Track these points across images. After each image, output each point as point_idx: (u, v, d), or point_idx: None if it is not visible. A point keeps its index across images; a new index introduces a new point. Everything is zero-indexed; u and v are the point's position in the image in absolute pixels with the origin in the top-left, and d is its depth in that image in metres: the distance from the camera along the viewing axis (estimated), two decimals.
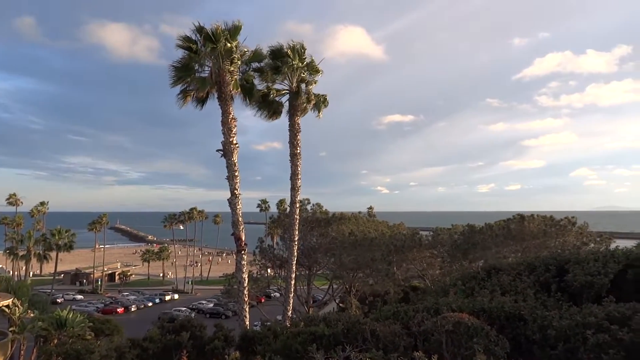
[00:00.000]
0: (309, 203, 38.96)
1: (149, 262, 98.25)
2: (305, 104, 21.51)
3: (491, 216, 53.18)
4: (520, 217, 34.29)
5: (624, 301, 11.50)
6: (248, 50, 19.63)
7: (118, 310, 63.95)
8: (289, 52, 20.60)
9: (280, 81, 21.52)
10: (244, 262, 19.50)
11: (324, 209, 40.02)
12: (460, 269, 30.60)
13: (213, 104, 19.22)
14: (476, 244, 33.05)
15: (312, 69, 21.71)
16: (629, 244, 23.05)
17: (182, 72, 18.57)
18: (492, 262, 21.91)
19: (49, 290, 65.79)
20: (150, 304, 71.06)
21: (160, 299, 74.96)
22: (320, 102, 22.27)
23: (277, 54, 20.65)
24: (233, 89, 18.94)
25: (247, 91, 20.08)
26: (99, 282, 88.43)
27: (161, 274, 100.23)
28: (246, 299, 19.74)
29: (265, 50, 20.46)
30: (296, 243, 23.11)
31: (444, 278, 30.72)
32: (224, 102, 18.61)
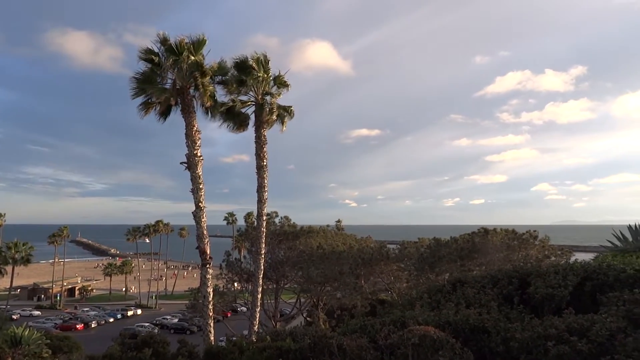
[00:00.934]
0: (277, 216, 38.77)
1: (111, 276, 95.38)
2: (270, 116, 21.48)
3: (456, 230, 54.10)
4: (485, 231, 35.06)
5: (583, 313, 11.83)
6: (212, 63, 19.54)
7: (77, 326, 61.64)
8: (254, 64, 20.60)
9: (246, 93, 21.46)
10: (209, 276, 19.15)
11: (292, 222, 39.87)
12: (427, 282, 30.94)
13: (178, 116, 18.99)
14: (442, 258, 33.53)
15: (277, 81, 21.76)
16: (587, 257, 23.82)
17: (144, 84, 18.30)
18: (458, 275, 22.21)
19: (4, 306, 62.89)
20: (111, 320, 68.80)
21: (122, 314, 72.72)
22: (285, 115, 22.28)
23: (242, 65, 20.60)
24: (207, 102, 18.75)
25: (212, 103, 19.94)
26: (58, 297, 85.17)
27: (124, 289, 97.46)
28: (211, 314, 19.35)
29: (229, 62, 20.39)
30: (263, 256, 22.88)
31: (411, 291, 30.96)
32: (188, 114, 18.42)
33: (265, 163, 21.78)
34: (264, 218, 22.81)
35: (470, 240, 34.85)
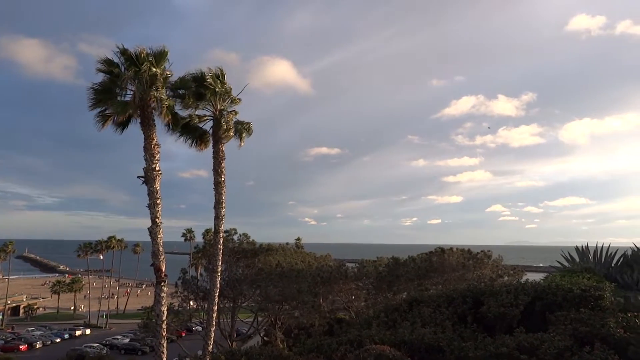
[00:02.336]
0: (235, 233, 38.26)
1: (59, 294, 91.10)
2: (227, 132, 21.35)
3: (414, 249, 54.89)
4: (441, 250, 35.73)
5: (533, 332, 12.18)
6: (173, 76, 19.31)
7: (20, 347, 58.28)
8: (211, 78, 20.51)
9: (203, 108, 21.29)
10: (163, 294, 18.60)
11: (251, 240, 39.43)
12: (385, 301, 31.11)
13: (136, 128, 18.58)
14: (400, 276, 33.88)
15: (236, 98, 21.71)
16: (537, 277, 24.66)
17: (102, 95, 17.85)
18: (414, 294, 22.47)
19: None
20: (58, 340, 65.43)
21: (69, 334, 69.35)
22: (243, 130, 22.19)
23: (199, 80, 20.47)
24: (156, 115, 18.42)
25: (171, 117, 19.67)
26: (1, 317, 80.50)
27: (72, 307, 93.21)
28: (164, 334, 18.74)
29: (188, 76, 20.23)
30: (220, 274, 22.46)
31: (369, 310, 31.05)
32: (147, 127, 18.05)
33: (223, 179, 21.56)
34: (222, 235, 22.46)
35: (427, 259, 35.42)
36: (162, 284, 18.41)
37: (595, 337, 11.35)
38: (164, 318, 18.64)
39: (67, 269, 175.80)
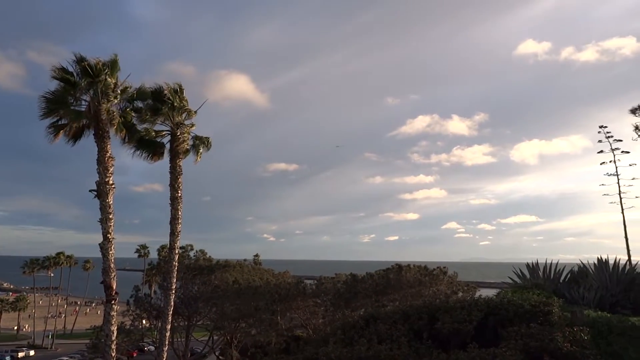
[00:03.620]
0: (192, 249, 37.61)
1: (1, 313, 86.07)
2: (185, 146, 21.03)
3: (373, 265, 55.26)
4: (399, 267, 36.13)
5: (486, 347, 12.44)
6: (130, 88, 18.88)
7: None
8: (169, 93, 20.24)
9: (161, 122, 20.93)
10: (113, 313, 17.87)
11: (208, 256, 38.78)
12: (342, 318, 31.06)
13: (90, 140, 17.98)
14: (358, 293, 33.95)
15: (192, 112, 21.46)
16: (490, 292, 25.28)
17: (55, 104, 17.19)
18: (371, 310, 22.55)
19: None
20: None
21: (11, 356, 65.43)
22: (200, 145, 21.91)
23: (157, 94, 20.14)
24: (111, 127, 17.91)
25: (127, 130, 19.17)
26: None
27: (16, 327, 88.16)
28: (113, 354, 17.96)
29: (146, 89, 19.86)
30: (174, 291, 21.83)
31: (326, 327, 30.89)
32: (101, 139, 17.49)
33: (179, 194, 21.11)
34: (177, 251, 21.89)
35: (385, 276, 35.70)
36: (113, 302, 17.70)
37: (545, 351, 11.70)
38: (114, 338, 17.89)
39: (12, 286, 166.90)
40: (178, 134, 21.01)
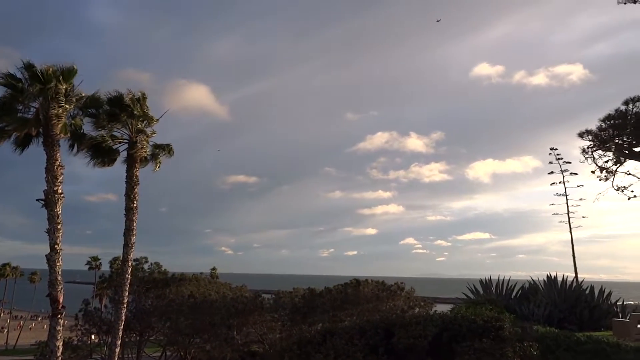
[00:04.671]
0: (146, 262, 36.54)
1: None
2: (144, 155, 20.60)
3: (331, 280, 55.18)
4: (357, 282, 36.23)
5: None
6: (83, 95, 18.41)
7: None
8: (130, 100, 19.87)
9: (119, 129, 20.46)
10: (59, 328, 17.09)
11: (163, 269, 37.75)
12: (299, 333, 30.81)
13: (39, 146, 17.34)
14: (316, 308, 33.80)
15: (154, 119, 21.10)
16: (445, 308, 25.75)
17: (1, 110, 16.58)
18: (328, 326, 22.51)
19: None
20: None
21: None
22: (161, 153, 21.54)
23: (117, 101, 19.73)
24: (61, 134, 17.34)
25: (78, 137, 18.64)
26: None
27: None
28: None
29: (103, 96, 19.42)
30: (126, 305, 21.12)
31: (283, 342, 30.55)
32: (50, 147, 16.90)
33: (135, 205, 20.59)
34: (131, 263, 21.26)
35: (343, 290, 35.71)
36: (59, 316, 16.96)
37: None
38: (59, 354, 17.10)
39: None
40: (137, 141, 20.60)
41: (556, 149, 40.14)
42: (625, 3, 32.38)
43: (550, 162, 40.29)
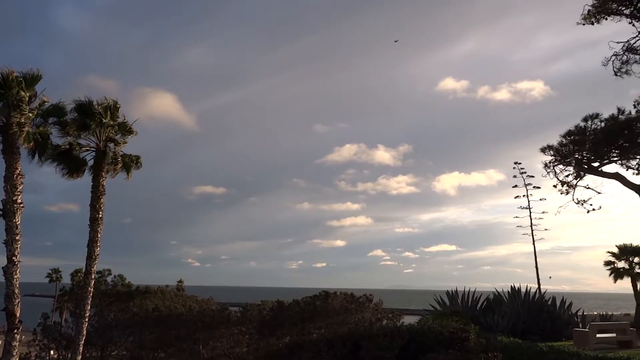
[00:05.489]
0: (110, 274, 35.53)
1: None
2: (113, 165, 20.15)
3: (300, 292, 54.88)
4: (325, 294, 36.15)
5: None
6: (48, 102, 17.93)
7: None
8: (100, 108, 19.45)
9: (87, 137, 19.98)
10: (15, 343, 16.39)
11: (127, 282, 36.76)
12: (267, 346, 30.46)
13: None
14: (284, 321, 33.51)
15: (124, 128, 20.70)
16: (413, 319, 25.92)
17: None
18: (296, 338, 22.35)
19: None
20: None
21: None
22: (130, 163, 21.10)
23: (86, 108, 19.27)
24: (23, 142, 16.82)
25: (42, 146, 18.10)
26: None
27: None
28: None
29: (71, 103, 18.97)
30: (87, 319, 20.45)
31: (250, 356, 30.14)
32: (9, 155, 16.34)
33: (100, 215, 20.05)
34: (93, 276, 20.64)
35: (311, 303, 35.55)
36: (15, 331, 16.28)
37: None
38: None
39: None
40: (106, 151, 20.18)
41: (520, 163, 41.34)
42: (583, 24, 33.88)
43: (515, 176, 41.44)
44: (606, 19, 32.83)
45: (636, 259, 40.11)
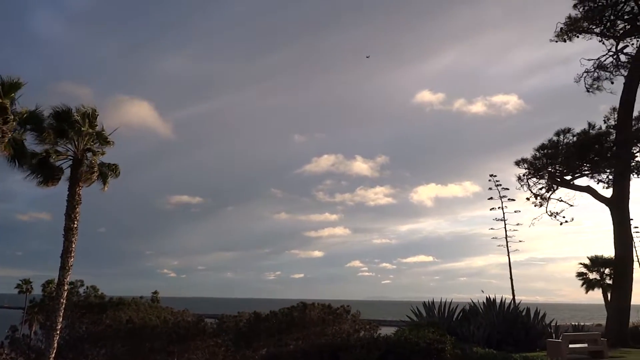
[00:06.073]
0: (82, 285, 34.75)
1: None
2: (90, 174, 19.85)
3: (278, 303, 54.44)
4: (303, 305, 36.01)
5: None
6: (25, 109, 17.64)
7: None
8: (78, 116, 19.21)
9: (64, 145, 19.67)
10: None
11: (100, 293, 36.00)
12: (243, 359, 30.12)
13: None
14: (261, 332, 33.23)
15: (102, 137, 20.46)
16: (390, 330, 26.00)
17: None
18: (274, 350, 22.18)
19: None
20: None
21: None
22: (108, 172, 20.82)
23: (64, 116, 19.01)
24: (5, 149, 16.51)
25: (19, 153, 17.75)
26: None
27: None
28: None
29: (47, 109, 18.71)
30: (58, 332, 19.94)
31: None
32: None
33: (75, 225, 19.67)
34: (66, 287, 20.18)
35: (289, 314, 35.36)
36: None
37: None
38: None
39: None
40: (83, 159, 19.88)
41: (495, 176, 42.01)
42: (556, 41, 34.92)
43: (490, 188, 42.08)
44: (577, 37, 34.05)
45: (606, 271, 41.16)
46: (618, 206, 30.34)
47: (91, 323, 33.28)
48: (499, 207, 41.80)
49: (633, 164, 32.03)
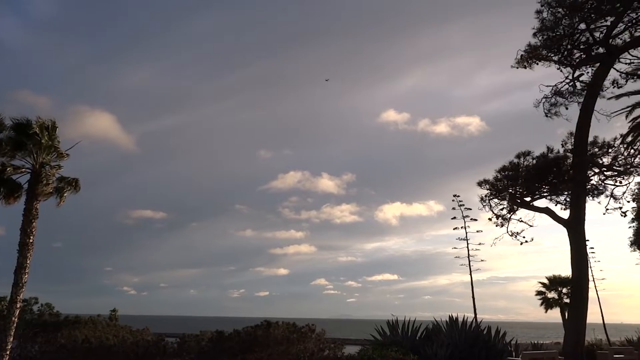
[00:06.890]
0: (36, 303, 33.31)
1: None
2: (49, 188, 19.29)
3: (242, 321, 53.54)
4: (267, 324, 35.53)
5: None
6: None
7: None
8: (38, 128, 18.69)
9: (22, 158, 19.09)
10: None
11: (55, 311, 34.60)
12: None
13: None
14: (223, 352, 32.58)
15: (63, 154, 19.95)
16: (354, 349, 25.98)
17: None
18: None
19: None
20: None
21: None
22: (67, 188, 20.26)
23: (23, 128, 18.47)
24: None
25: None
26: None
27: None
28: None
29: (7, 120, 18.15)
30: (8, 352, 19.05)
31: None
32: None
33: (31, 240, 19.01)
34: (19, 305, 19.37)
35: (252, 333, 34.82)
36: None
37: None
38: None
39: None
40: (42, 174, 19.31)
41: (458, 196, 42.79)
42: (517, 67, 36.34)
43: (453, 208, 42.80)
44: (537, 64, 35.55)
45: (564, 290, 42.43)
46: (575, 228, 31.45)
47: (45, 342, 31.88)
48: (462, 227, 42.55)
49: (588, 187, 33.38)
